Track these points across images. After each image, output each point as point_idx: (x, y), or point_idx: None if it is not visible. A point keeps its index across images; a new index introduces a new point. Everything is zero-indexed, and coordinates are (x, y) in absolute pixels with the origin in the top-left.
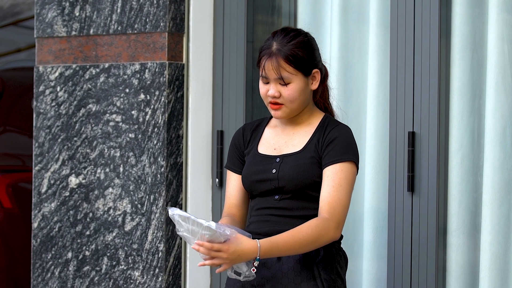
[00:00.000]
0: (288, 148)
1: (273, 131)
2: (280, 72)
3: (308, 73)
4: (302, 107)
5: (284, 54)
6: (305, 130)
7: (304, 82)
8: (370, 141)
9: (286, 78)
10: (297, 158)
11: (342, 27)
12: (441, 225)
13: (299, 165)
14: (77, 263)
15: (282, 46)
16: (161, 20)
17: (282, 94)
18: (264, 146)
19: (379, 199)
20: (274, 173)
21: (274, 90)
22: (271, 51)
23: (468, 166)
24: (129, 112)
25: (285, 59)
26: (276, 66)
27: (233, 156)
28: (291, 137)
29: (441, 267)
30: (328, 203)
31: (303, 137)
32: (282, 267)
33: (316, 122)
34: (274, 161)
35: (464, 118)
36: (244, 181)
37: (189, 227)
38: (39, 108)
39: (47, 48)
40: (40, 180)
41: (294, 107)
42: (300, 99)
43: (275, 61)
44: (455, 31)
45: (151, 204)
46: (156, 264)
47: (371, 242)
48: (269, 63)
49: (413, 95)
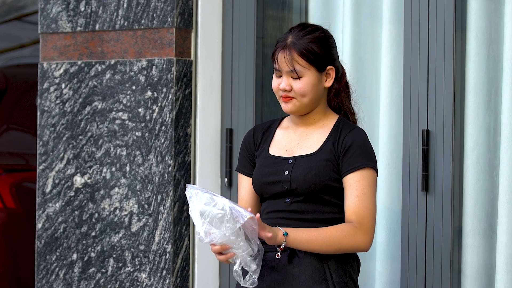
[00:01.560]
0: (301, 149)
1: (285, 132)
2: (293, 65)
3: (322, 69)
4: (313, 104)
5: (298, 47)
6: (319, 132)
7: (316, 78)
8: (383, 139)
9: (298, 71)
10: (310, 160)
11: (354, 22)
12: (456, 225)
13: (312, 167)
14: (83, 264)
15: (297, 40)
16: (169, 15)
17: (293, 87)
18: (276, 147)
19: (392, 199)
20: (286, 174)
21: (285, 84)
22: (285, 44)
23: (484, 164)
24: (135, 110)
25: (298, 52)
26: (289, 59)
27: (244, 159)
28: (304, 139)
29: (456, 269)
30: (355, 212)
31: (317, 139)
32: (293, 270)
33: (331, 124)
34: (286, 163)
35: (480, 115)
36: (255, 183)
37: (213, 213)
38: (43, 106)
39: (51, 44)
40: (45, 179)
41: (305, 101)
42: (312, 94)
43: (288, 54)
44: (470, 26)
45: (158, 204)
46: (163, 266)
47: (384, 243)
48: (282, 55)
49: (427, 92)
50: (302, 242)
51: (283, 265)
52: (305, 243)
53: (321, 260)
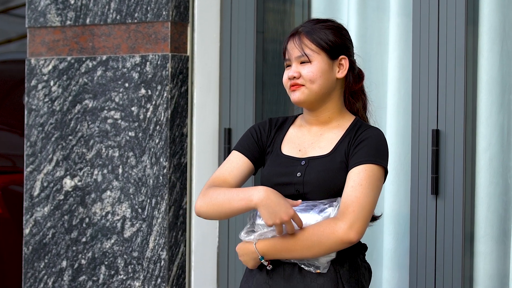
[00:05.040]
0: (314, 150)
1: (298, 130)
2: (302, 48)
3: (334, 56)
4: (323, 94)
5: (309, 32)
6: (334, 132)
7: (327, 64)
8: (391, 139)
9: (308, 54)
10: (324, 162)
11: (360, 16)
12: (468, 231)
13: (326, 170)
14: (72, 272)
15: (308, 27)
16: (164, 9)
17: (302, 73)
18: (288, 146)
19: (400, 203)
20: (299, 176)
21: (294, 71)
22: (296, 31)
23: (497, 166)
24: (128, 109)
25: (308, 37)
26: (299, 43)
27: (249, 141)
28: (318, 139)
29: (467, 277)
30: (343, 202)
31: (332, 139)
32: (304, 279)
33: (346, 124)
34: (299, 164)
35: (493, 114)
36: (265, 183)
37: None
38: (31, 104)
39: (39, 39)
40: (32, 182)
41: (314, 88)
42: (322, 81)
43: (298, 39)
44: (483, 20)
45: (153, 209)
46: (158, 274)
47: (391, 249)
48: (292, 42)
49: (437, 89)
50: (282, 252)
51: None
52: (283, 251)
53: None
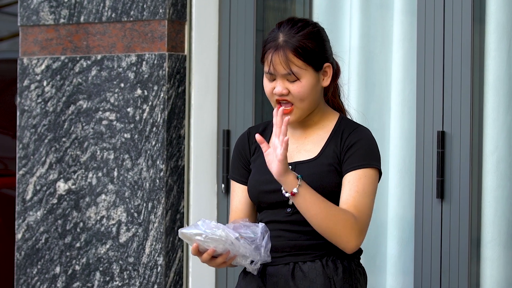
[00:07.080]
0: (300, 154)
1: None
2: (290, 66)
3: (319, 67)
4: (312, 107)
5: (293, 46)
6: (319, 134)
7: (315, 78)
8: (395, 141)
9: (296, 73)
10: (312, 166)
11: (363, 14)
12: (474, 235)
13: (314, 174)
14: (66, 278)
15: (289, 38)
16: (160, 6)
17: (290, 91)
18: None
19: (404, 207)
20: None
21: (282, 87)
22: (277, 44)
23: (504, 169)
24: (124, 110)
25: (294, 52)
26: (285, 60)
27: (238, 165)
28: (303, 142)
29: (474, 283)
30: (354, 206)
31: (317, 142)
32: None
33: (331, 124)
34: None
35: (500, 116)
36: (251, 191)
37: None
38: (23, 105)
39: (32, 37)
40: (25, 185)
41: (305, 106)
42: (311, 97)
43: (283, 54)
44: (490, 18)
45: (149, 213)
46: (154, 280)
47: (395, 255)
48: (277, 57)
49: (442, 90)
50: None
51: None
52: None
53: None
